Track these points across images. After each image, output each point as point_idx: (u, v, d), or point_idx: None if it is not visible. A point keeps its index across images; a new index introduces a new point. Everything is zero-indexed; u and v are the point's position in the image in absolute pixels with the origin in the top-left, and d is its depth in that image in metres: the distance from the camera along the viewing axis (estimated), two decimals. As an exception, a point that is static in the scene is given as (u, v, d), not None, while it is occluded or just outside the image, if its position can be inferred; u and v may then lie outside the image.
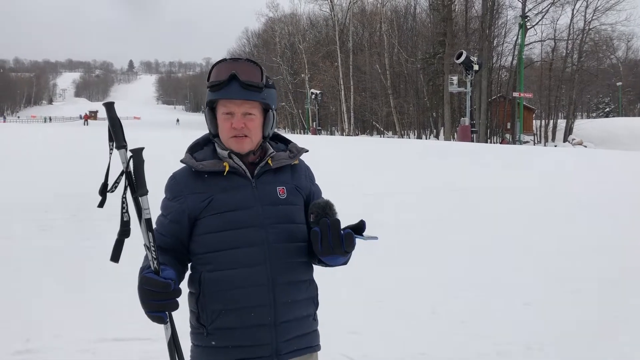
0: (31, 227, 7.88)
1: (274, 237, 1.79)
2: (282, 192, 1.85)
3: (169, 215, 1.84)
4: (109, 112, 1.66)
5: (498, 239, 7.91)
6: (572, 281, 5.88)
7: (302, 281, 1.87)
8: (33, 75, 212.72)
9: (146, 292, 1.59)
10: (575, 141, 48.14)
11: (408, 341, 4.29)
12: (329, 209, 1.76)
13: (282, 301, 1.79)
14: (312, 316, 1.92)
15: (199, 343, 1.84)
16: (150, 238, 1.63)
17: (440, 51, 53.18)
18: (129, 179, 1.63)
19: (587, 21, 54.16)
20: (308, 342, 1.88)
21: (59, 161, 15.09)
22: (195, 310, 1.82)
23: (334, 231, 1.69)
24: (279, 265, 1.79)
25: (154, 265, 1.62)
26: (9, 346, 3.95)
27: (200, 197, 1.80)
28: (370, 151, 22.13)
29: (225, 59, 1.86)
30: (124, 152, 1.64)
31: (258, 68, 1.83)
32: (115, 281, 5.54)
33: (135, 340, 4.12)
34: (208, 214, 1.79)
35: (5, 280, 5.54)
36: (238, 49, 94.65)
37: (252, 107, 1.81)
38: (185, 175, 1.86)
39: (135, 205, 1.64)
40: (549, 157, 21.94)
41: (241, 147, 1.82)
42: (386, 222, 8.31)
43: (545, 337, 4.40)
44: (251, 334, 1.77)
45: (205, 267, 1.80)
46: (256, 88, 1.80)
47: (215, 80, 1.81)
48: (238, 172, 1.83)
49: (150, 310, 1.60)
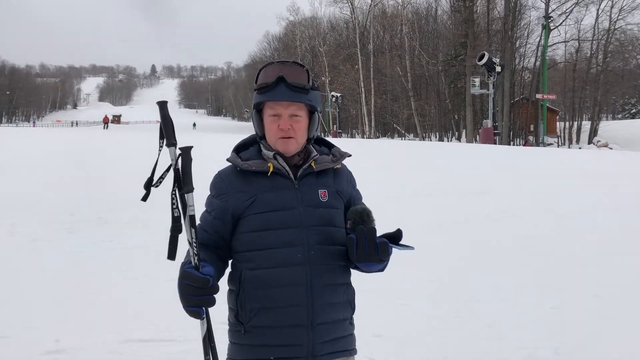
0: (58, 230, 8.01)
1: (314, 239, 1.81)
2: (324, 195, 1.87)
3: (213, 212, 1.87)
4: (162, 111, 1.72)
5: (521, 241, 7.81)
6: (599, 285, 5.79)
7: (340, 284, 1.87)
8: (58, 81, 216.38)
9: (185, 286, 1.63)
10: (600, 143, 47.37)
11: (432, 345, 4.26)
12: (366, 216, 1.77)
13: (319, 303, 1.80)
14: (349, 320, 1.92)
15: (236, 340, 1.85)
16: (193, 234, 1.66)
17: (462, 53, 52.80)
18: (177, 176, 1.67)
19: (612, 21, 53.37)
20: (344, 346, 1.88)
21: (83, 165, 15.32)
22: (235, 307, 1.84)
23: (370, 239, 1.70)
24: (318, 267, 1.80)
25: (195, 261, 1.66)
26: (40, 346, 4.01)
27: (244, 196, 1.83)
28: (391, 152, 22.04)
29: (272, 62, 1.88)
30: (174, 149, 1.69)
31: (305, 70, 1.85)
32: (139, 283, 5.65)
33: (160, 342, 4.16)
34: (251, 213, 1.82)
35: (33, 282, 5.64)
36: (259, 52, 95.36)
37: (298, 109, 1.84)
38: (230, 174, 1.89)
39: (181, 202, 1.68)
40: (576, 158, 21.62)
41: (287, 148, 1.85)
42: (407, 223, 8.26)
43: (574, 341, 4.33)
44: (288, 333, 1.78)
45: (245, 265, 1.83)
46: (303, 90, 1.82)
47: (263, 82, 1.83)
48: (281, 173, 1.85)
49: (188, 304, 1.63)
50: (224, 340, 1.90)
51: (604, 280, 6.00)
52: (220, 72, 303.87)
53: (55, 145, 21.93)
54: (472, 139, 47.57)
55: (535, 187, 13.23)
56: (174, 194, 1.67)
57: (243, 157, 1.90)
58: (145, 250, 6.95)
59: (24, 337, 4.19)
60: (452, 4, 58.02)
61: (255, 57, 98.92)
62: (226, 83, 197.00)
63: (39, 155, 17.86)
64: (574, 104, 55.41)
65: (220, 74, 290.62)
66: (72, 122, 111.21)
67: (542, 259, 6.89)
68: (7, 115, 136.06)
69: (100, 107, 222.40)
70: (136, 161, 16.88)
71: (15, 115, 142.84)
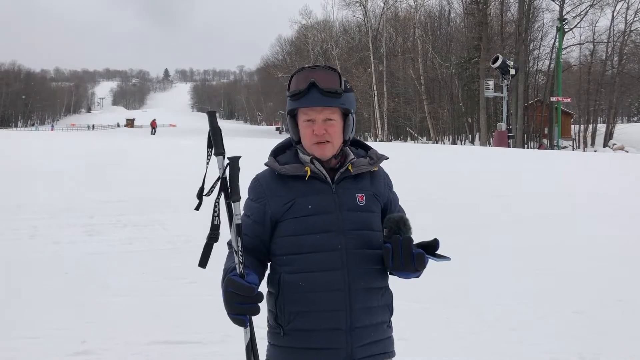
0: (78, 232, 8.07)
1: (352, 243, 1.81)
2: (361, 199, 1.87)
3: (252, 215, 1.88)
4: (211, 120, 1.73)
5: (541, 244, 7.76)
6: (623, 289, 5.73)
7: (378, 288, 1.88)
8: (72, 85, 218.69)
9: (231, 294, 1.63)
10: (616, 146, 46.93)
11: (456, 348, 4.25)
12: (403, 224, 1.77)
13: (358, 307, 1.81)
14: (387, 323, 1.93)
15: (275, 342, 1.87)
16: (239, 243, 1.67)
17: (476, 56, 52.61)
18: (224, 185, 1.69)
19: (628, 23, 52.95)
20: (382, 349, 1.89)
21: (102, 169, 15.44)
22: (274, 310, 1.86)
23: (406, 250, 1.71)
24: (356, 271, 1.81)
25: (240, 269, 1.66)
26: (67, 347, 4.06)
27: (282, 200, 1.84)
28: (407, 155, 21.98)
29: (303, 68, 1.88)
30: (222, 159, 1.71)
31: (336, 74, 1.86)
32: (159, 285, 5.68)
33: (186, 344, 4.18)
34: (289, 217, 1.83)
35: (56, 284, 5.69)
36: (271, 56, 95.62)
37: (332, 113, 1.84)
38: (268, 178, 1.90)
39: (228, 211, 1.69)
40: (594, 161, 21.43)
41: (323, 153, 1.85)
42: (429, 226, 8.24)
43: (598, 346, 4.29)
44: (326, 337, 1.79)
45: (284, 269, 1.84)
46: (335, 94, 1.82)
47: (295, 89, 1.83)
48: (319, 177, 1.86)
49: (233, 312, 1.63)
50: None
51: (628, 284, 5.94)
52: (233, 75, 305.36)
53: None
54: (485, 142, 47.34)
55: (554, 190, 13.13)
56: (217, 202, 1.69)
57: (280, 161, 1.90)
58: (165, 252, 7.00)
59: (52, 338, 4.23)
60: (465, 7, 57.86)
61: (267, 61, 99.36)
62: (239, 87, 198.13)
63: (65, 158, 18.02)
64: (589, 106, 54.97)
65: (233, 77, 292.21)
66: (89, 125, 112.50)
67: (563, 263, 6.83)
68: (23, 119, 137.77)
69: (114, 111, 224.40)
70: (158, 163, 17.06)
71: (31, 119, 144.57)
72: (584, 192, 12.92)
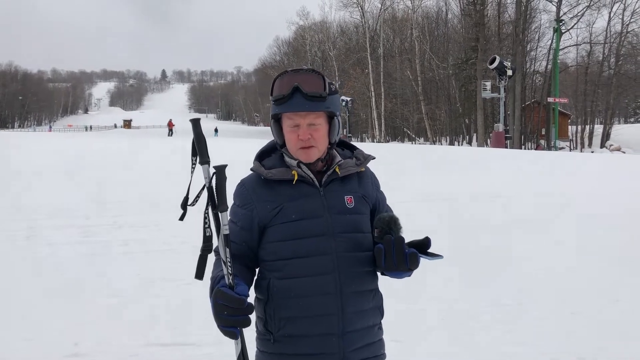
0: (73, 233, 8.03)
1: (342, 246, 1.78)
2: (350, 202, 1.84)
3: (239, 222, 1.84)
4: (195, 128, 1.68)
5: (541, 245, 7.74)
6: (620, 290, 5.72)
7: (369, 290, 1.85)
8: (69, 86, 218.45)
9: (221, 306, 1.58)
10: (613, 147, 47.03)
11: (451, 350, 4.22)
12: (394, 224, 1.74)
13: (350, 310, 1.78)
14: (378, 325, 1.91)
15: (265, 349, 1.84)
16: (228, 253, 1.63)
17: (473, 56, 52.70)
18: (210, 194, 1.65)
19: (624, 24, 53.12)
20: (374, 352, 1.87)
21: (97, 169, 15.39)
22: (263, 316, 1.82)
23: (398, 250, 1.68)
24: (347, 274, 1.78)
25: (229, 280, 1.62)
26: (61, 349, 4.02)
27: (270, 205, 1.80)
28: (401, 156, 21.98)
29: (286, 71, 1.84)
30: (207, 167, 1.66)
31: (320, 77, 1.80)
32: (155, 287, 5.65)
33: (180, 346, 4.15)
34: (278, 222, 1.79)
35: (50, 285, 5.65)
36: (269, 57, 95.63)
37: (316, 117, 1.79)
38: (254, 183, 1.86)
39: (215, 221, 1.66)
40: (594, 162, 21.45)
41: (309, 157, 1.81)
42: (427, 226, 8.20)
43: (596, 347, 4.27)
44: (318, 342, 1.76)
45: (274, 274, 1.80)
46: (320, 98, 1.78)
47: (278, 94, 1.79)
48: (306, 181, 1.82)
49: (223, 325, 1.59)
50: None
51: (625, 285, 5.92)
52: (230, 76, 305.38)
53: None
54: (483, 143, 47.38)
55: (551, 190, 13.12)
56: (206, 213, 1.65)
57: (266, 165, 1.86)
58: (161, 253, 6.96)
59: (45, 340, 4.20)
60: (462, 8, 57.94)
61: (265, 62, 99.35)
62: (236, 87, 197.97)
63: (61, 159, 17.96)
64: (586, 107, 55.11)
65: (230, 78, 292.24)
66: (86, 126, 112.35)
67: (561, 263, 6.81)
68: (20, 120, 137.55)
69: (111, 111, 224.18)
70: (154, 164, 17.01)
71: (28, 120, 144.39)
72: (581, 193, 12.91)
